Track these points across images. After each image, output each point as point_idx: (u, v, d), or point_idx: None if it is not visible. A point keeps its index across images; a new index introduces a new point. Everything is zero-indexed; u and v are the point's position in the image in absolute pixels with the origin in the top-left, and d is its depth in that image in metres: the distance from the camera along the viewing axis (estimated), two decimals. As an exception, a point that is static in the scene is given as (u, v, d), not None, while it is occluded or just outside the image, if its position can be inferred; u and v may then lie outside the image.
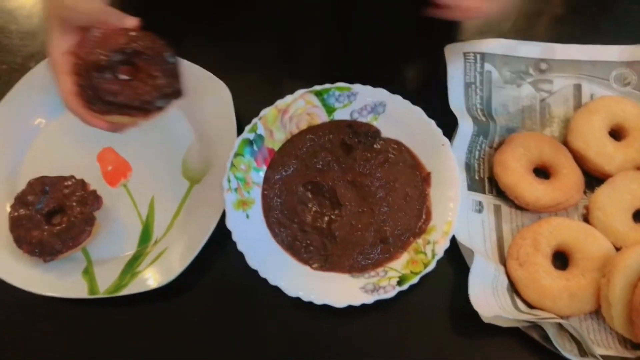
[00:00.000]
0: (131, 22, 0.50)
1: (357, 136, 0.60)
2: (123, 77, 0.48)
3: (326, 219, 0.57)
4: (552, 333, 0.49)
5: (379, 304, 0.52)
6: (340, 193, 0.58)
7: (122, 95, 0.47)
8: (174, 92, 0.49)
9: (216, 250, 0.56)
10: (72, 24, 0.48)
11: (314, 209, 0.58)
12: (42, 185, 0.57)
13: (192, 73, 0.62)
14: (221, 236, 0.55)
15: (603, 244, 0.53)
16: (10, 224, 0.56)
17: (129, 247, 0.58)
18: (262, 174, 0.59)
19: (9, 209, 0.57)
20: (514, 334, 0.52)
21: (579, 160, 0.58)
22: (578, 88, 0.62)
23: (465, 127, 0.58)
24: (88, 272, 0.56)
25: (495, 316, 0.48)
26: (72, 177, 0.58)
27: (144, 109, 0.48)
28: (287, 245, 0.56)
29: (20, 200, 0.56)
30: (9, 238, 0.55)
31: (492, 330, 0.51)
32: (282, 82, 0.63)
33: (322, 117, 0.61)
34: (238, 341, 0.54)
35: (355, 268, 0.55)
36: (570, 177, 0.56)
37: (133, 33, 0.48)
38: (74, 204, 0.56)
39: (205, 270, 0.56)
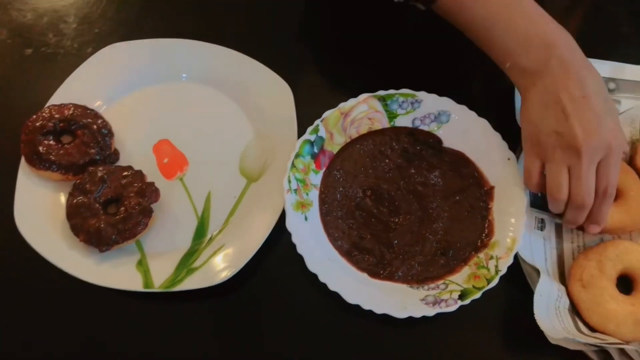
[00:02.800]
0: None
1: (418, 144, 0.60)
2: (65, 141, 0.59)
3: (384, 227, 0.57)
4: (616, 357, 0.48)
5: (437, 315, 0.51)
6: (400, 201, 0.57)
7: (53, 154, 0.57)
8: (104, 159, 0.59)
9: (270, 251, 0.56)
10: None
11: (372, 216, 0.57)
12: (101, 174, 0.56)
13: (255, 71, 0.62)
14: (276, 237, 0.55)
15: (671, 271, 0.52)
16: (67, 211, 0.55)
17: (183, 241, 0.57)
18: (320, 177, 0.58)
19: (63, 197, 0.57)
20: (573, 357, 0.51)
21: (647, 183, 0.57)
22: (646, 110, 0.61)
23: (532, 142, 0.57)
24: (142, 265, 0.55)
25: (564, 338, 0.47)
26: (131, 167, 0.58)
27: (73, 169, 0.57)
28: (344, 251, 0.55)
29: (78, 188, 0.56)
30: (66, 225, 0.55)
31: (551, 350, 0.50)
32: (345, 85, 0.62)
33: (383, 122, 0.61)
34: (288, 344, 0.54)
35: (414, 279, 0.54)
36: (638, 200, 0.55)
37: (79, 109, 0.59)
38: (132, 194, 0.56)
39: (258, 271, 0.56)
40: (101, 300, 0.55)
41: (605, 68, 0.62)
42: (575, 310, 0.52)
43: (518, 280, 0.54)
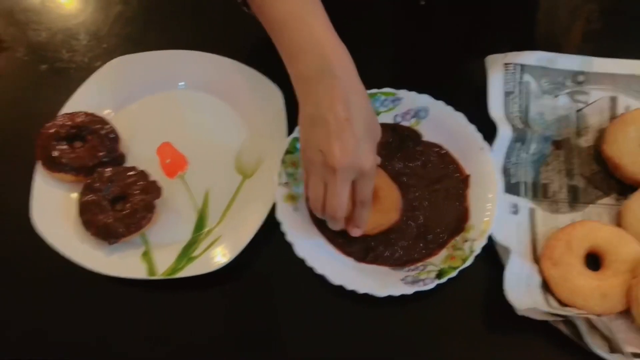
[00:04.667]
0: None
1: (399, 138, 0.64)
2: (76, 146, 0.65)
3: (369, 215, 0.61)
4: (583, 329, 0.52)
5: (417, 296, 0.55)
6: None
7: (66, 157, 0.62)
8: (112, 161, 0.64)
9: (266, 240, 0.60)
10: None
11: (357, 205, 0.61)
12: (108, 174, 0.62)
13: (248, 76, 0.67)
14: (270, 227, 0.59)
15: (635, 247, 0.55)
16: (79, 209, 0.61)
17: (184, 234, 0.62)
18: (309, 171, 0.63)
19: (75, 196, 0.63)
20: (544, 331, 0.54)
21: (614, 168, 0.61)
22: (614, 100, 0.65)
23: (504, 133, 0.61)
24: (147, 255, 0.60)
25: (530, 308, 0.51)
26: (135, 167, 0.63)
27: (84, 171, 0.63)
28: (331, 237, 0.60)
29: (89, 187, 0.61)
30: (78, 222, 0.60)
31: (524, 325, 0.53)
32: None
33: (367, 120, 0.65)
34: (282, 325, 0.58)
35: (396, 262, 0.58)
36: (388, 198, 0.59)
37: (89, 117, 0.65)
38: (137, 192, 0.61)
39: (255, 258, 0.60)
40: (110, 289, 0.60)
41: (574, 62, 0.66)
42: (546, 287, 0.56)
43: (492, 261, 0.57)
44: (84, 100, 0.67)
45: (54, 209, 0.62)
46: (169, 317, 0.59)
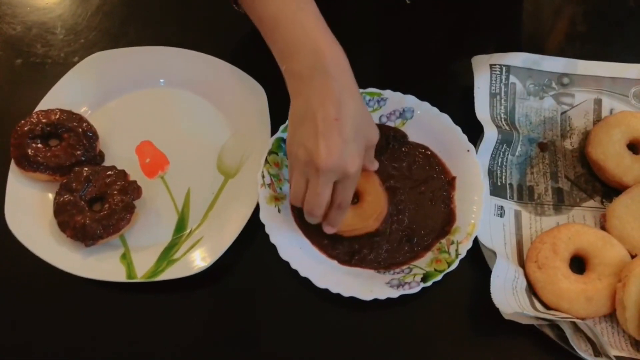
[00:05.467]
0: None
1: (385, 139, 0.63)
2: (52, 144, 0.63)
3: (354, 216, 0.60)
4: (569, 333, 0.52)
5: (403, 299, 0.54)
6: (368, 192, 0.61)
7: (41, 156, 0.60)
8: (90, 160, 0.62)
9: (248, 242, 0.59)
10: None
11: (342, 207, 0.61)
12: (86, 174, 0.60)
13: (230, 74, 0.66)
14: (254, 229, 0.58)
15: (620, 250, 0.55)
16: (55, 209, 0.58)
17: (164, 235, 0.60)
18: (293, 172, 0.62)
19: (51, 196, 0.61)
20: (530, 334, 0.54)
21: (598, 170, 0.61)
22: (598, 102, 0.65)
23: (490, 134, 0.60)
24: (126, 258, 0.59)
25: (516, 313, 0.51)
26: (114, 167, 0.61)
27: (60, 170, 0.61)
28: (316, 240, 0.59)
29: (65, 187, 0.59)
30: (53, 223, 0.58)
31: (510, 329, 0.53)
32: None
33: (352, 120, 0.64)
34: (267, 329, 0.57)
35: (380, 265, 0.58)
36: (372, 205, 0.58)
37: (65, 114, 0.63)
38: (115, 192, 0.59)
39: (238, 260, 0.59)
40: (87, 291, 0.58)
41: (559, 64, 0.66)
42: (532, 290, 0.56)
43: (479, 264, 0.57)
44: (61, 97, 0.65)
45: (28, 209, 0.60)
46: (148, 320, 0.57)
